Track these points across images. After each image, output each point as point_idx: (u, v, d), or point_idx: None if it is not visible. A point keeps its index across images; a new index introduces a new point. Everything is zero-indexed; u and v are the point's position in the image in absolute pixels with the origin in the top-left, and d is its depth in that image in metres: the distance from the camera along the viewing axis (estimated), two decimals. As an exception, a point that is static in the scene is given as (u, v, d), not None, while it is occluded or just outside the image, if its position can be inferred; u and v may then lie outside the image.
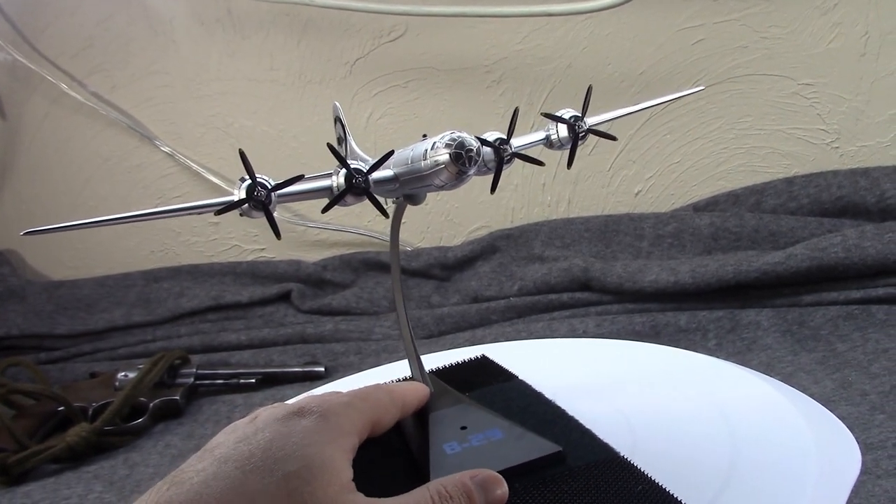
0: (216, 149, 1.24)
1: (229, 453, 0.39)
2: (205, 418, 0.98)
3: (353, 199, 0.45)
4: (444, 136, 0.43)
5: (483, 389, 0.58)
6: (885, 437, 0.69)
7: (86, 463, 0.89)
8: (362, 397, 0.45)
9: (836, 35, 1.06)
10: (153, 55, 1.22)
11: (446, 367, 0.64)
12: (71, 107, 1.25)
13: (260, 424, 0.41)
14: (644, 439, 0.50)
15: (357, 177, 0.44)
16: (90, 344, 1.19)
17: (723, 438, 0.49)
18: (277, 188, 0.43)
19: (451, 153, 0.42)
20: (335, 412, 0.42)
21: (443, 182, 0.44)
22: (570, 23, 1.10)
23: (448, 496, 0.40)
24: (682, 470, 0.46)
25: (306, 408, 0.42)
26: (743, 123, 1.10)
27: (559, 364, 0.66)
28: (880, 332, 0.89)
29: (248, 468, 0.38)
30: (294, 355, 1.09)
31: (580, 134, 0.49)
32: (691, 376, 0.61)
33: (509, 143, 0.46)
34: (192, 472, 0.38)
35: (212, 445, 0.41)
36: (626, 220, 1.12)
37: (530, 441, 0.47)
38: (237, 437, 0.41)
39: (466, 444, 0.47)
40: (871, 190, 1.03)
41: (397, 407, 0.47)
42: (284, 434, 0.40)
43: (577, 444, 0.48)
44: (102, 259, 1.31)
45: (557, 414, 0.52)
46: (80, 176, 1.29)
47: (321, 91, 1.19)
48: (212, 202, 0.44)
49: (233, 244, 1.28)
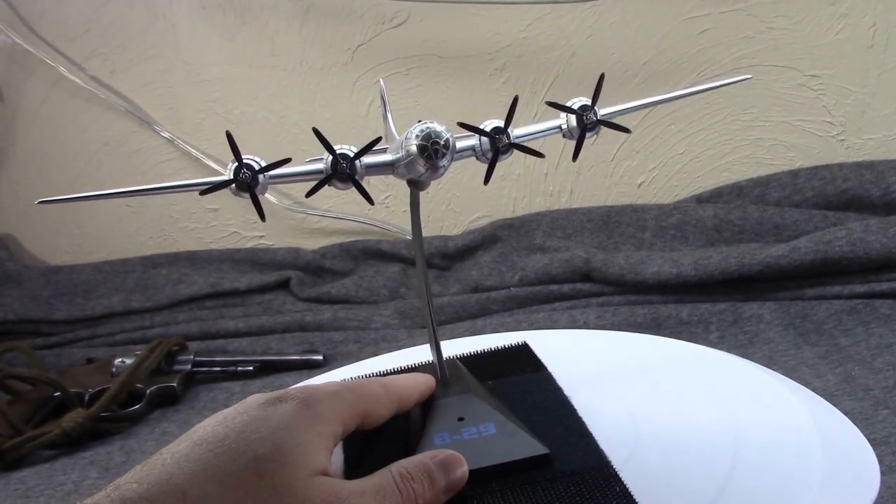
0: (216, 134, 1.23)
1: (205, 435, 0.39)
2: (202, 406, 0.97)
3: (341, 185, 0.44)
4: (416, 126, 0.42)
5: (505, 379, 0.58)
6: (888, 433, 0.68)
7: (81, 449, 0.89)
8: (351, 388, 0.45)
9: (844, 26, 1.04)
10: (153, 39, 1.21)
11: (481, 353, 0.64)
12: (69, 90, 1.24)
13: (241, 409, 0.41)
14: (648, 436, 0.49)
15: (342, 162, 0.43)
16: (87, 330, 1.18)
17: (728, 436, 0.48)
18: (264, 170, 0.42)
19: (418, 145, 0.42)
20: (318, 399, 0.42)
21: (419, 172, 0.43)
22: (575, 11, 1.09)
23: (409, 477, 0.41)
24: (685, 466, 0.45)
25: (289, 394, 0.42)
26: (748, 115, 1.09)
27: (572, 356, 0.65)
28: (884, 327, 0.88)
29: (220, 450, 0.38)
30: (292, 343, 1.08)
31: (588, 125, 0.47)
32: (699, 370, 0.60)
33: (507, 132, 0.45)
34: (167, 454, 0.38)
35: (194, 430, 0.41)
36: (628, 211, 1.11)
37: (520, 440, 0.47)
38: (217, 420, 0.41)
39: (457, 437, 0.47)
40: (877, 183, 1.02)
41: (392, 400, 0.46)
42: (262, 418, 0.40)
43: (572, 448, 0.47)
44: (100, 244, 1.30)
45: (565, 413, 0.52)
46: (78, 160, 1.27)
47: (322, 77, 1.18)
48: (198, 181, 0.44)
49: (232, 231, 1.27)
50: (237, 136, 0.42)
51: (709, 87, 0.53)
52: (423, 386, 0.50)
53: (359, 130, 1.18)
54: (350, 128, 1.18)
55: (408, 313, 1.09)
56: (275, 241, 1.27)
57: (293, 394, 0.42)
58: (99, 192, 0.44)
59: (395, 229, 1.22)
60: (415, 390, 0.49)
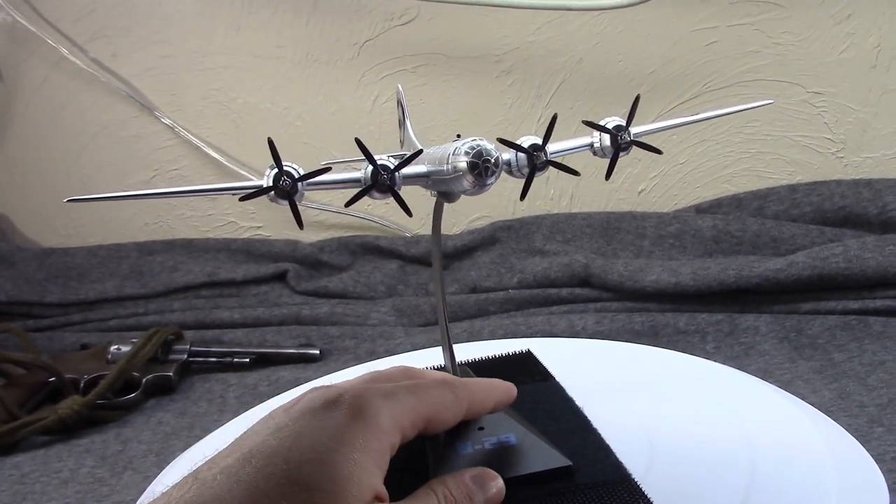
0: (217, 123, 1.22)
1: (256, 448, 0.38)
2: (198, 396, 0.97)
3: (379, 195, 0.44)
4: (465, 142, 0.43)
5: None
6: (883, 451, 0.70)
7: (76, 436, 0.88)
8: (413, 390, 0.42)
9: (848, 45, 1.06)
10: (157, 24, 1.20)
11: (485, 360, 0.64)
12: (70, 72, 1.23)
13: (294, 414, 0.40)
14: (663, 449, 0.50)
15: (382, 174, 0.43)
16: (80, 314, 1.17)
17: (742, 450, 0.49)
18: (304, 178, 0.42)
19: (469, 162, 0.42)
20: (374, 405, 0.40)
21: (464, 188, 0.43)
22: (584, 17, 1.09)
23: (453, 499, 0.40)
24: (704, 480, 0.46)
25: (343, 398, 0.40)
26: (750, 128, 1.11)
27: (587, 365, 0.66)
28: (876, 344, 0.90)
29: (270, 471, 0.36)
30: (288, 336, 1.08)
31: (622, 145, 0.48)
32: (704, 384, 0.61)
33: (544, 149, 0.45)
34: (217, 469, 0.37)
35: (245, 436, 0.40)
36: (628, 218, 1.12)
37: (542, 451, 0.47)
38: (270, 427, 0.39)
39: (479, 446, 0.47)
40: (874, 201, 1.04)
41: (461, 406, 0.44)
42: (315, 430, 0.38)
43: (591, 460, 0.48)
44: (96, 228, 1.29)
45: (579, 424, 0.52)
46: (76, 143, 1.26)
47: (328, 71, 1.18)
48: (237, 185, 0.44)
49: (229, 220, 1.27)
50: (239, 127, 0.42)
51: (733, 110, 0.54)
52: (500, 393, 0.47)
53: (362, 126, 1.18)
54: (354, 123, 1.18)
55: (405, 311, 1.10)
56: (272, 232, 1.26)
57: (347, 399, 0.40)
58: (131, 192, 0.44)
59: (393, 226, 1.22)
60: (489, 398, 0.46)
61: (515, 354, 0.65)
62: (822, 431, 0.53)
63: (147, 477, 0.78)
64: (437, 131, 1.16)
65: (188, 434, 0.87)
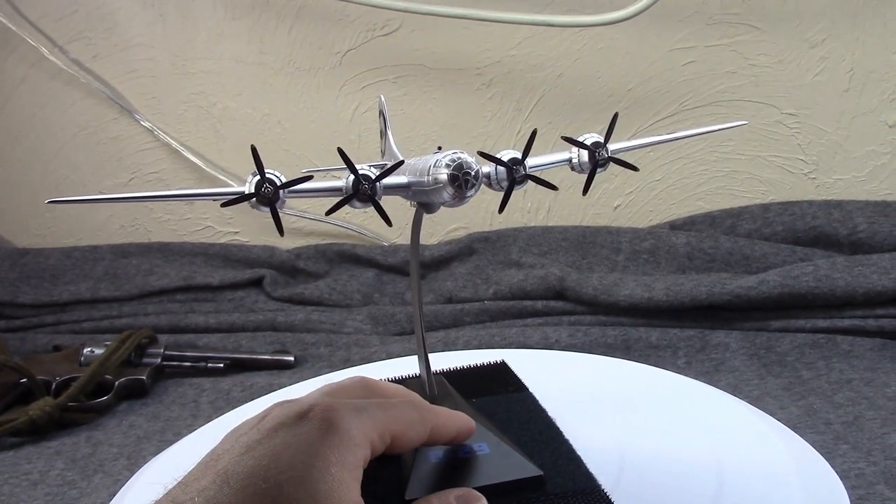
0: (197, 127, 1.22)
1: (232, 469, 0.37)
2: (170, 400, 0.96)
3: (360, 205, 0.44)
4: (447, 154, 0.43)
5: (489, 398, 0.59)
6: (848, 468, 0.71)
7: (47, 438, 0.88)
8: (381, 405, 0.43)
9: (823, 69, 1.08)
10: (140, 27, 1.20)
11: (461, 369, 0.64)
12: (50, 72, 1.22)
13: (265, 431, 0.39)
14: (633, 462, 0.51)
15: (364, 183, 0.44)
16: (53, 315, 1.16)
17: (709, 464, 0.50)
18: (286, 186, 0.43)
19: (450, 174, 0.43)
20: (344, 418, 0.40)
21: (444, 200, 0.44)
22: (565, 33, 1.10)
23: None
24: (671, 492, 0.47)
25: (314, 412, 0.40)
26: (725, 147, 1.12)
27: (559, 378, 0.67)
28: (844, 363, 0.91)
29: (251, 492, 0.36)
30: (263, 342, 1.08)
31: (600, 161, 0.49)
32: (675, 398, 0.62)
33: (524, 163, 0.46)
34: (193, 493, 0.36)
35: (216, 454, 0.39)
36: (603, 233, 1.13)
37: (514, 461, 0.48)
38: (242, 445, 0.39)
39: (451, 455, 0.48)
40: (844, 222, 1.06)
41: (426, 427, 0.44)
42: (288, 447, 0.38)
43: (562, 470, 0.48)
44: (71, 229, 1.29)
45: (552, 435, 0.53)
46: (53, 143, 1.26)
47: (309, 79, 1.18)
48: (220, 191, 0.44)
49: (206, 225, 1.27)
50: (218, 131, 0.43)
51: (709, 129, 0.55)
52: (462, 423, 0.47)
53: (343, 134, 1.18)
54: (334, 131, 1.19)
55: (381, 319, 1.10)
56: (249, 237, 1.26)
57: (318, 412, 0.40)
58: (111, 195, 0.45)
59: (371, 234, 1.23)
60: (452, 425, 0.46)
61: (490, 365, 0.66)
62: (788, 447, 0.54)
63: (118, 480, 0.78)
64: (417, 142, 1.16)
65: (160, 438, 0.87)
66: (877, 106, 1.08)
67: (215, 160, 1.22)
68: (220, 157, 1.22)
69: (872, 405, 0.81)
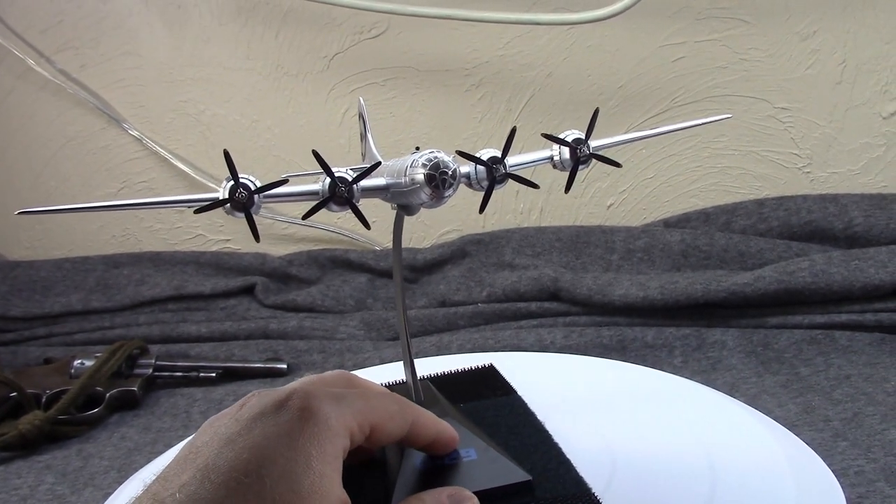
0: (186, 135, 1.21)
1: (212, 462, 0.36)
2: (162, 411, 0.95)
3: (337, 207, 0.44)
4: (423, 154, 0.43)
5: (477, 402, 0.58)
6: (846, 465, 0.70)
7: (37, 452, 0.87)
8: (361, 395, 0.42)
9: (814, 62, 1.07)
10: (126, 36, 1.19)
11: (448, 374, 0.64)
12: (37, 83, 1.21)
13: (244, 421, 0.39)
14: (625, 464, 0.50)
15: (340, 186, 0.43)
16: (45, 328, 1.15)
17: (703, 467, 0.49)
18: (260, 190, 0.42)
19: (426, 174, 0.42)
20: (322, 408, 0.39)
21: (422, 200, 0.43)
22: (553, 32, 1.10)
23: None
24: (664, 496, 0.46)
25: (292, 401, 0.39)
26: (718, 143, 1.11)
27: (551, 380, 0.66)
28: (842, 358, 0.90)
29: (233, 486, 0.35)
30: (256, 350, 1.07)
31: (581, 158, 0.48)
32: (669, 399, 0.61)
33: (503, 162, 0.45)
34: (174, 488, 0.36)
35: (195, 448, 0.39)
36: (597, 233, 1.12)
37: (502, 466, 0.47)
38: (221, 437, 0.38)
39: (438, 461, 0.47)
40: (840, 216, 1.05)
41: (406, 420, 0.43)
42: (270, 439, 0.37)
43: (552, 475, 0.47)
44: (61, 241, 1.28)
45: (541, 439, 0.52)
46: (41, 154, 1.25)
47: (297, 84, 1.17)
48: (193, 198, 0.43)
49: (197, 233, 1.26)
50: (208, 139, 0.42)
51: (692, 124, 0.55)
52: (442, 429, 0.46)
53: (332, 139, 1.18)
54: (323, 136, 1.18)
55: (374, 325, 1.09)
56: (241, 245, 1.25)
57: (296, 401, 0.39)
58: (83, 204, 0.43)
59: (363, 239, 1.22)
60: (433, 427, 0.45)
61: (478, 369, 0.65)
62: (784, 447, 0.53)
63: (108, 494, 0.77)
64: (406, 144, 1.15)
65: (151, 450, 0.86)
66: (870, 97, 1.08)
67: (205, 168, 1.21)
68: (210, 165, 1.21)
69: (872, 401, 0.80)
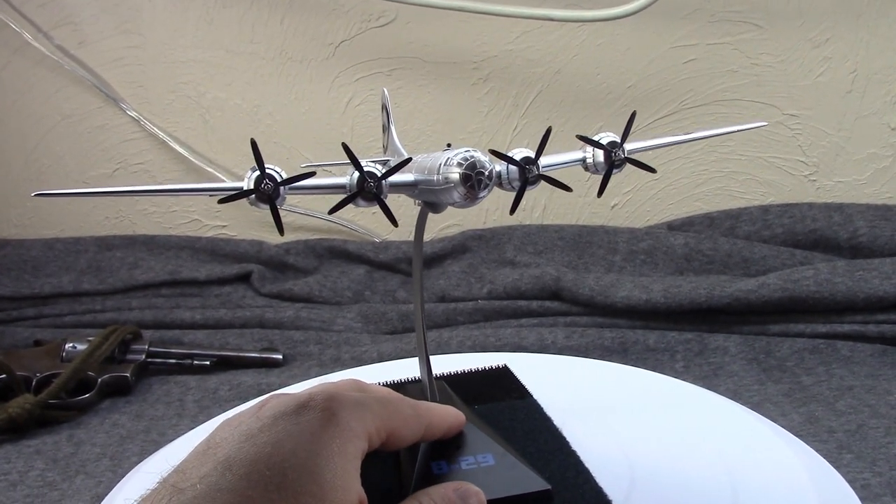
0: (185, 118, 1.19)
1: (233, 455, 0.36)
2: (155, 398, 0.94)
3: (365, 203, 0.42)
4: (458, 152, 0.41)
5: (492, 405, 0.57)
6: (853, 478, 0.69)
7: (27, 437, 0.85)
8: (380, 400, 0.42)
9: (825, 69, 1.06)
10: (127, 13, 1.16)
11: (462, 374, 0.62)
12: (33, 58, 1.19)
13: (266, 419, 0.39)
14: (644, 475, 0.49)
15: (369, 181, 0.41)
16: (34, 309, 1.13)
17: (722, 475, 0.48)
18: (287, 182, 0.40)
19: (462, 173, 0.41)
20: (344, 410, 0.40)
21: (454, 200, 0.42)
22: (564, 28, 1.08)
23: None
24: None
25: (314, 401, 0.40)
26: (725, 147, 1.11)
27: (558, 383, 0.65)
28: (844, 369, 0.90)
29: (255, 479, 0.35)
30: (251, 339, 1.05)
31: (616, 162, 0.47)
32: (680, 405, 0.60)
33: (537, 163, 0.44)
34: (194, 479, 0.35)
35: (213, 443, 0.38)
36: (600, 233, 1.11)
37: (521, 474, 0.46)
38: (241, 433, 0.38)
39: (455, 466, 0.46)
40: (845, 226, 1.04)
41: (421, 424, 0.44)
42: (290, 435, 0.37)
43: (571, 484, 0.46)
44: (53, 220, 1.25)
45: (558, 445, 0.51)
46: (36, 131, 1.22)
47: (301, 70, 1.15)
48: (216, 186, 0.42)
49: (193, 218, 1.24)
50: (207, 122, 0.40)
51: (728, 130, 0.54)
52: (453, 419, 0.47)
53: (334, 127, 1.16)
54: (326, 124, 1.16)
55: (372, 318, 1.08)
56: (237, 232, 1.23)
57: (318, 402, 0.40)
58: (101, 189, 0.42)
59: (362, 230, 1.20)
60: (444, 421, 0.46)
61: (492, 369, 0.63)
62: (799, 457, 0.52)
63: (100, 482, 0.75)
64: (412, 136, 1.14)
65: (144, 438, 0.84)
66: (879, 108, 1.07)
67: (203, 152, 1.19)
68: (208, 149, 1.19)
69: (875, 413, 0.80)
